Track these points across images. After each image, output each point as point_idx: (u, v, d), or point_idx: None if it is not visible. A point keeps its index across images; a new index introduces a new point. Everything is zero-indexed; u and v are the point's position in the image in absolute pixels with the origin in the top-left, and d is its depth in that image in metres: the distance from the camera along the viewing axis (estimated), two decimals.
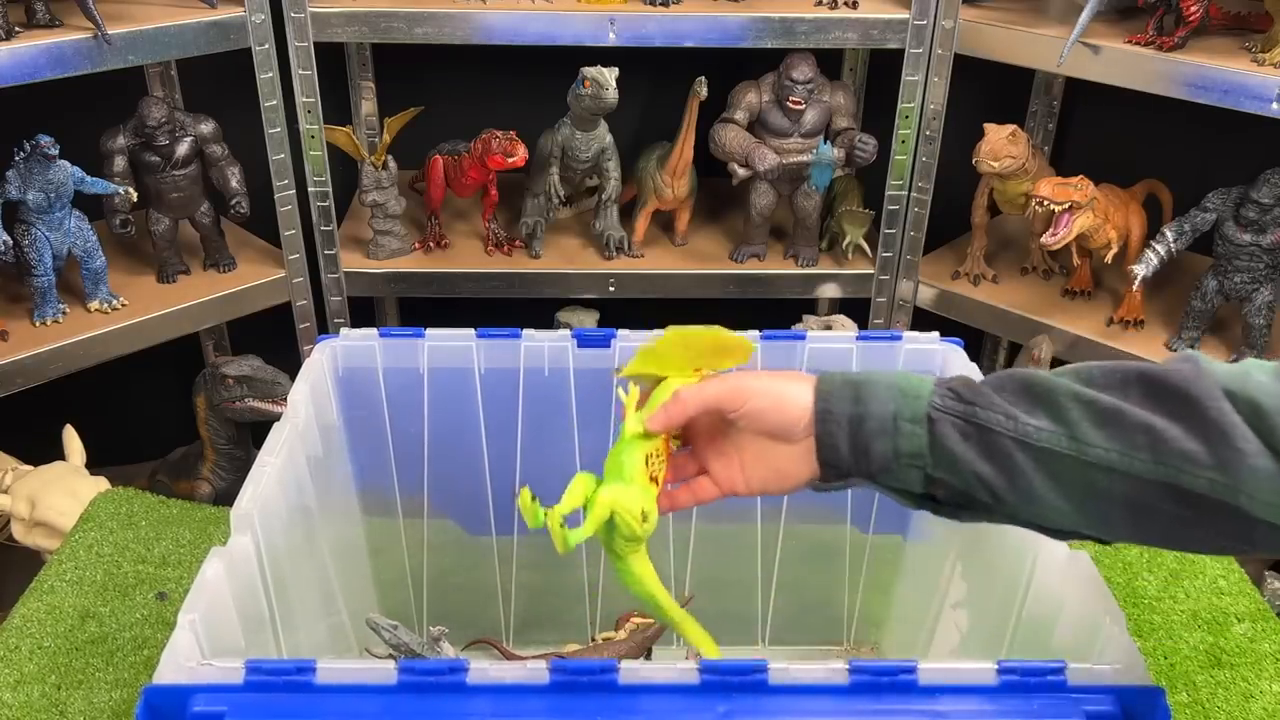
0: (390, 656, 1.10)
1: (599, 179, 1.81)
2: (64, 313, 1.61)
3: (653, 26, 1.59)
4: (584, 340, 1.16)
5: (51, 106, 1.61)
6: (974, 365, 1.13)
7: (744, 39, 1.60)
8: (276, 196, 1.69)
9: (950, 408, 0.73)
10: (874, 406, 0.75)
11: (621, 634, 1.17)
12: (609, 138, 1.75)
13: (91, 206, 1.63)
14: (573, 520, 0.81)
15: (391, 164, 1.76)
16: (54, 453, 1.57)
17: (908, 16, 1.60)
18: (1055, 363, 1.67)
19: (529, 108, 1.81)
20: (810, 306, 1.99)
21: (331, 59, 1.87)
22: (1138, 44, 1.50)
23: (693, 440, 0.87)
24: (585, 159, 1.75)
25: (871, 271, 1.81)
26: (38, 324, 1.59)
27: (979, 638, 1.08)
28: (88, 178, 1.56)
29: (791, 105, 1.69)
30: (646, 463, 0.83)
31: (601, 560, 1.26)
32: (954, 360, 1.15)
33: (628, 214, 1.86)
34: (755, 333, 1.09)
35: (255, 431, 1.49)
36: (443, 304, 1.86)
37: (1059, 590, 0.90)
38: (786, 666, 0.73)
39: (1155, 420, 0.66)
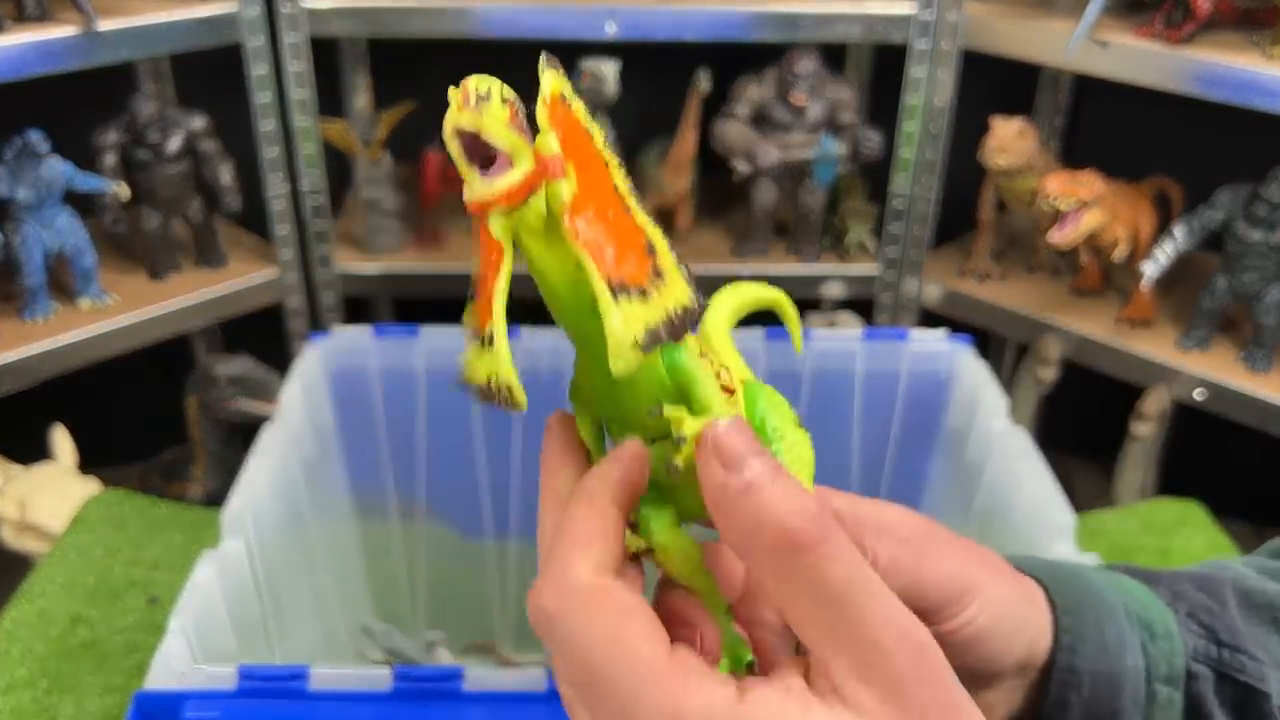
0: (385, 663, 1.08)
1: None
2: (55, 311, 1.59)
3: (653, 20, 1.57)
4: None
5: (41, 103, 1.59)
6: (983, 363, 1.11)
7: (746, 33, 1.58)
8: (269, 193, 1.67)
9: (1205, 654, 0.51)
10: (1122, 655, 0.50)
11: None
12: (608, 132, 1.73)
13: (82, 203, 1.61)
14: None
15: (386, 159, 1.74)
16: (44, 454, 1.55)
17: (912, 11, 1.58)
18: (1066, 365, 1.65)
19: (527, 103, 1.78)
20: (814, 304, 1.97)
21: (325, 53, 1.85)
22: (1144, 38, 1.48)
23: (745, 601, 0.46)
24: None
25: (876, 269, 1.79)
26: (28, 323, 1.57)
27: None
28: (79, 174, 1.54)
29: (794, 100, 1.67)
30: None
31: None
32: (963, 359, 1.13)
33: None
34: (760, 330, 1.07)
35: (248, 433, 1.47)
36: (438, 303, 1.83)
37: None
38: None
39: None
